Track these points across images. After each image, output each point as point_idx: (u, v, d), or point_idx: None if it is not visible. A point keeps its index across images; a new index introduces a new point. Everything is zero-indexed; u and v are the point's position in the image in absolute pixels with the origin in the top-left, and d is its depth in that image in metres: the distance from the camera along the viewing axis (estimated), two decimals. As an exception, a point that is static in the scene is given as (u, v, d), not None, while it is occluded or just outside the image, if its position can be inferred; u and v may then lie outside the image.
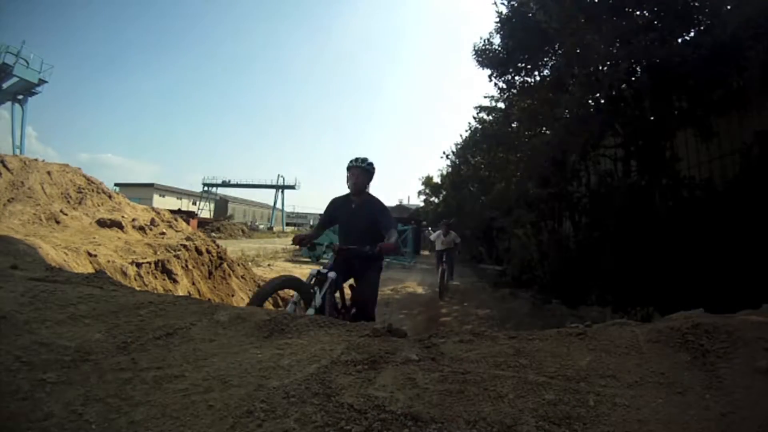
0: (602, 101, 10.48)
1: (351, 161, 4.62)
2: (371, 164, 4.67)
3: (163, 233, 8.99)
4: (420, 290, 14.28)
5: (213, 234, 37.04)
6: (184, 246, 8.23)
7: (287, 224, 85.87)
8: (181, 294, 6.05)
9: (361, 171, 4.61)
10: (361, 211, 4.60)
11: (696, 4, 8.61)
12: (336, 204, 4.88)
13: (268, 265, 19.86)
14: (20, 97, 36.34)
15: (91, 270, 5.65)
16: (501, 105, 15.87)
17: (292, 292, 10.21)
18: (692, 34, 8.97)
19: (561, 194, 11.21)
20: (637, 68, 9.69)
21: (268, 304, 9.20)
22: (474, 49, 12.73)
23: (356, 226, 4.62)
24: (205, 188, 75.26)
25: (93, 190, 9.35)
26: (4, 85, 34.85)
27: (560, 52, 10.91)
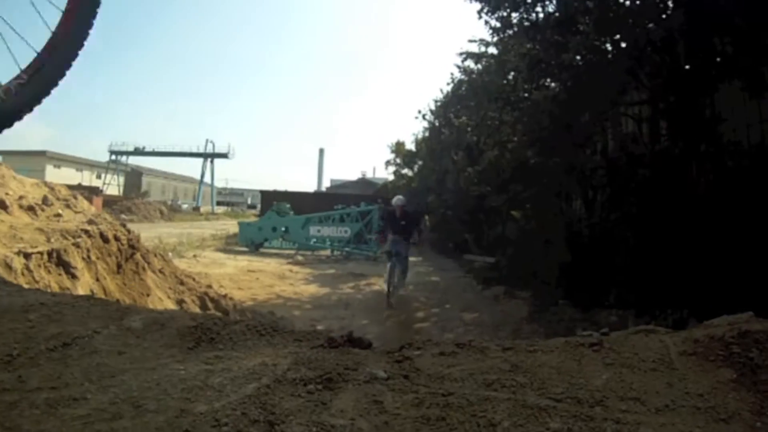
0: (623, 45, 10.36)
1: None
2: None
3: (59, 215, 8.49)
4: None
5: (123, 216, 36.75)
6: (86, 231, 7.75)
7: (218, 203, 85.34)
8: (81, 293, 6.01)
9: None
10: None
11: None
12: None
13: (194, 256, 19.52)
14: None
15: (-35, 263, 5.72)
16: (493, 51, 15.79)
17: (225, 292, 10.64)
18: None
19: (570, 165, 11.06)
20: (669, 2, 9.61)
21: (194, 306, 9.09)
22: (460, -24, 12.57)
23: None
24: (113, 157, 74.05)
25: None
26: None
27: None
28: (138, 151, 74.26)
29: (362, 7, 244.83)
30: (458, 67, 20.39)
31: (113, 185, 70.37)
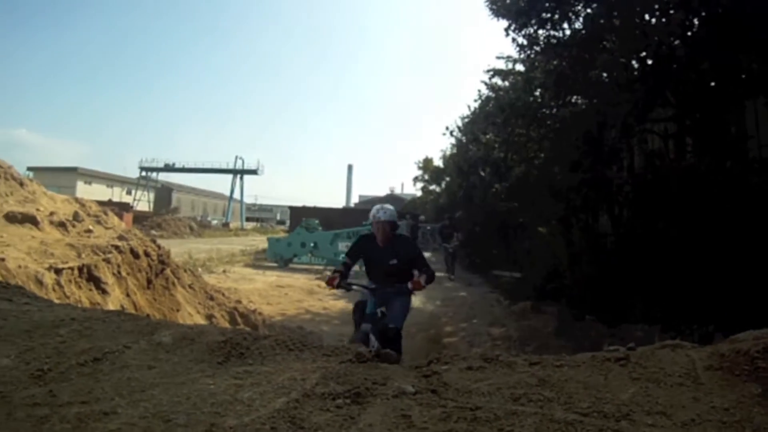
0: (649, 62, 10.41)
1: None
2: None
3: (90, 231, 8.95)
4: (417, 303, 14.18)
5: (153, 232, 37.19)
6: (116, 247, 8.16)
7: (248, 219, 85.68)
8: (112, 308, 6.22)
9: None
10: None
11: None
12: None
13: (223, 271, 19.89)
14: None
15: (-2, 278, 5.57)
16: (520, 67, 15.86)
17: (254, 307, 10.27)
18: (767, -26, 8.85)
19: (597, 181, 11.10)
20: (694, 20, 9.63)
21: (223, 321, 9.29)
22: (487, -7, 12.67)
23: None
24: (143, 173, 74.81)
25: (0, 176, 9.26)
26: None
27: (597, -3, 10.90)
28: (168, 168, 75.03)
29: (393, 31, 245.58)
30: (486, 83, 20.37)
31: (143, 201, 70.95)
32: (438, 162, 41.63)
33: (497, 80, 19.12)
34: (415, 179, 47.56)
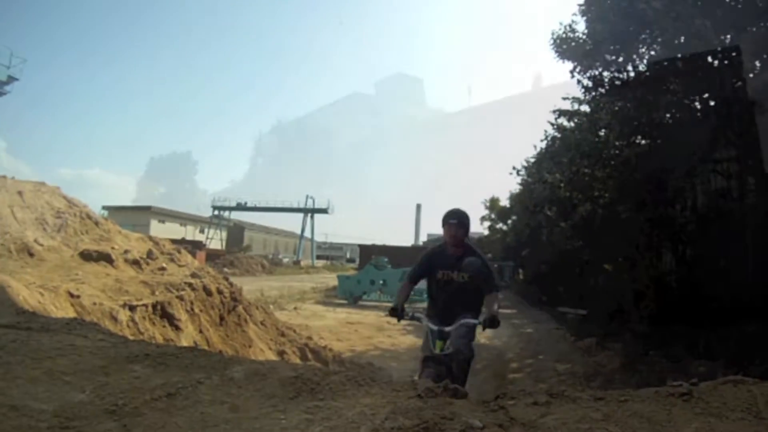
0: (712, 103, 10.63)
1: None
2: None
3: (163, 268, 9.20)
4: (483, 339, 14.33)
5: (225, 269, 37.65)
6: (190, 285, 8.44)
7: (318, 257, 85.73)
8: (185, 344, 6.35)
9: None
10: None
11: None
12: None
13: (295, 308, 20.38)
14: (-16, 98, 36.48)
15: (72, 314, 5.71)
16: (586, 108, 15.98)
17: (324, 343, 10.28)
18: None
19: (661, 220, 11.22)
20: (756, 62, 9.76)
21: (294, 357, 9.65)
22: (553, 37, 12.92)
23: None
24: (216, 212, 76.49)
25: (76, 215, 9.55)
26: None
27: (661, 41, 11.06)
28: (240, 207, 76.18)
29: (455, 73, 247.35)
30: (552, 124, 20.58)
31: (216, 239, 72.23)
32: (504, 202, 41.53)
33: (563, 120, 19.49)
34: (482, 218, 47.52)
